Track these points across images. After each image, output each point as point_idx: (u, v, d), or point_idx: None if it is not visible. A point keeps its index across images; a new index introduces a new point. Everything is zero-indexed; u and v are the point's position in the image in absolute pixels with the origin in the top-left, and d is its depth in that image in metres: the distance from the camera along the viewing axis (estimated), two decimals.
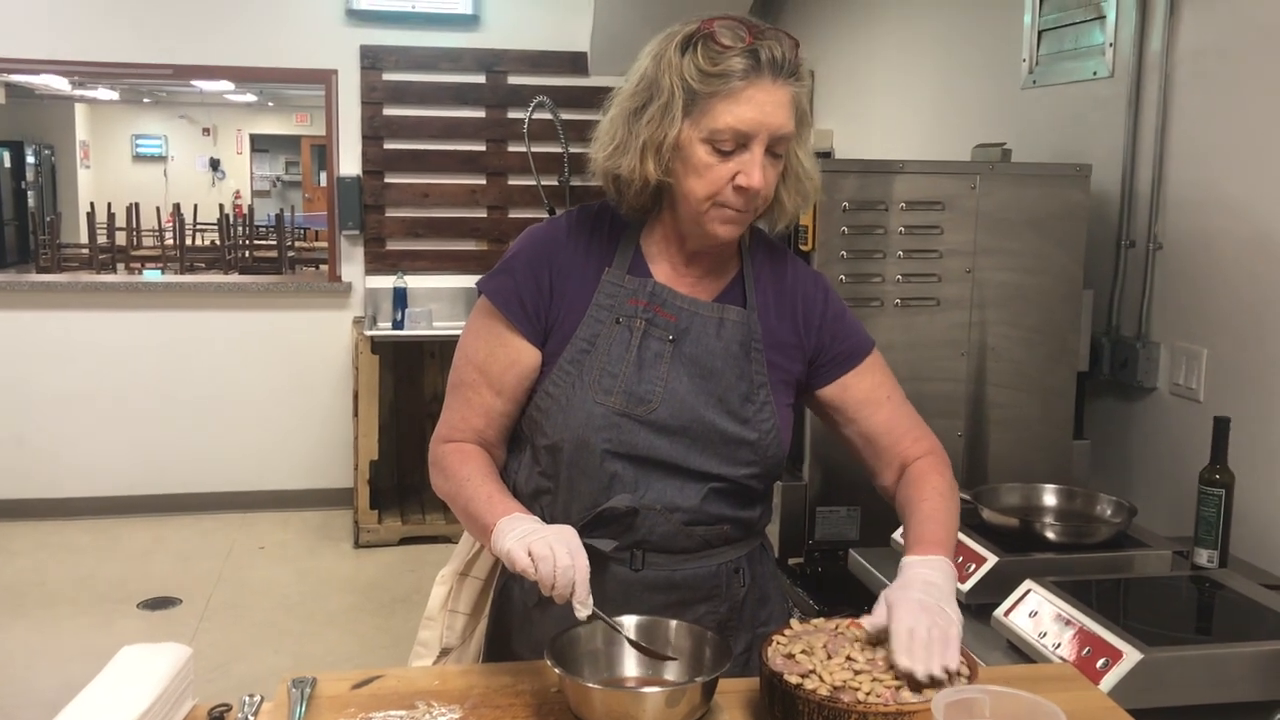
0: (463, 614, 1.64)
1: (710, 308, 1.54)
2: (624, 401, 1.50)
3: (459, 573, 1.66)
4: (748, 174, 1.42)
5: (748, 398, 1.53)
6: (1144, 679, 1.51)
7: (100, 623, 4.37)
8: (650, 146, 1.44)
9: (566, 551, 1.32)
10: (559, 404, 1.51)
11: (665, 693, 1.25)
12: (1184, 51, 2.53)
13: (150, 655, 1.35)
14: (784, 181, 1.50)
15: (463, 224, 5.82)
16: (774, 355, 1.57)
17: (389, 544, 5.30)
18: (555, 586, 1.30)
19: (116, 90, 14.34)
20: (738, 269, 1.59)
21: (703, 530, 1.54)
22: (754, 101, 1.40)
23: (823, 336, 1.60)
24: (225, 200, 15.04)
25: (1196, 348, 2.46)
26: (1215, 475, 2.09)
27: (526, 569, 1.32)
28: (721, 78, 1.40)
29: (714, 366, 1.53)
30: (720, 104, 1.41)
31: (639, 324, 1.52)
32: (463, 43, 5.68)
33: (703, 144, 1.43)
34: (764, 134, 1.41)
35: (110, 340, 5.60)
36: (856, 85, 4.48)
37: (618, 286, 1.53)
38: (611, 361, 1.51)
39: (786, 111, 1.43)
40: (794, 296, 1.60)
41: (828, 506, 2.44)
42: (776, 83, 1.41)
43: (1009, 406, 2.49)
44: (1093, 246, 2.57)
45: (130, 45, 5.45)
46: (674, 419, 1.50)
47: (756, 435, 1.54)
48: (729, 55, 1.40)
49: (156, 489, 5.67)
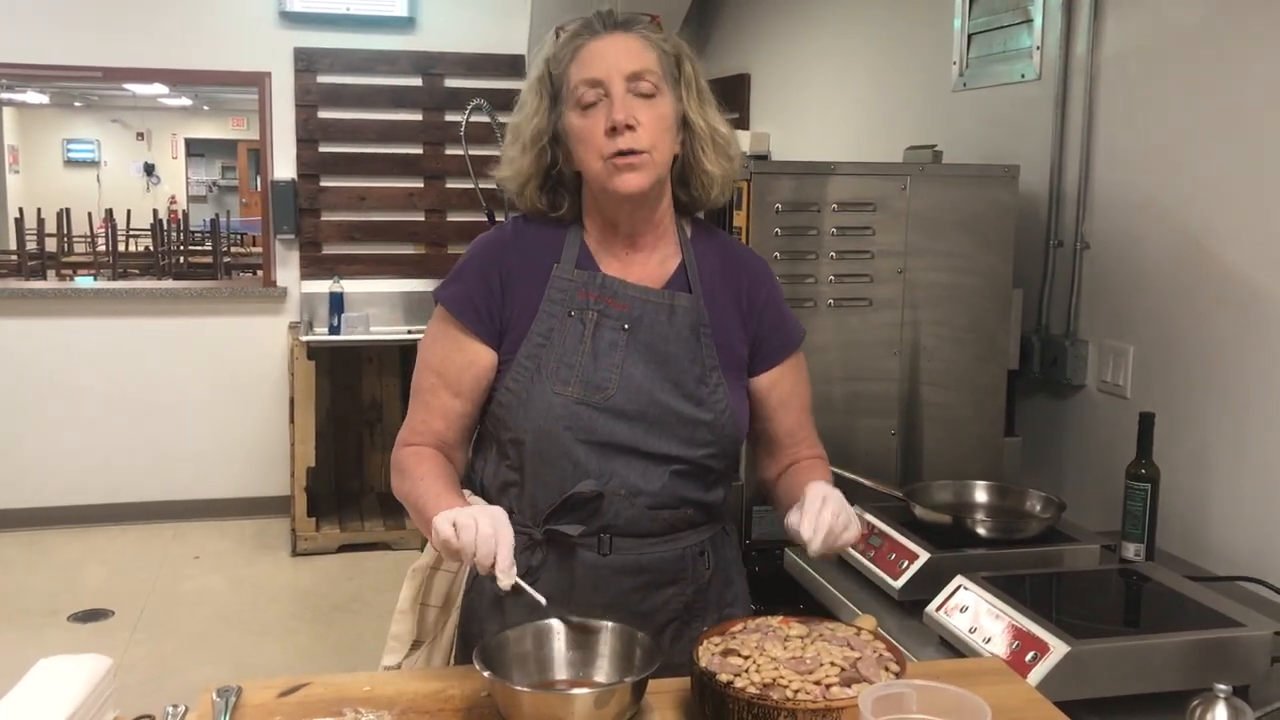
0: (434, 607, 1.66)
1: (660, 294, 1.60)
2: (582, 390, 1.55)
3: (431, 566, 1.68)
4: (611, 113, 1.50)
5: (701, 380, 1.59)
6: (1071, 671, 1.53)
7: (29, 637, 4.27)
8: (519, 144, 1.59)
9: (489, 522, 1.36)
10: (519, 398, 1.56)
11: (594, 694, 1.25)
12: (1108, 54, 2.57)
13: (68, 667, 1.32)
14: (701, 148, 1.58)
15: (400, 228, 5.77)
16: (721, 339, 1.62)
17: (327, 552, 5.24)
18: (476, 554, 1.34)
19: (46, 93, 14.05)
20: (681, 258, 1.64)
21: (667, 514, 1.59)
22: (595, 52, 1.53)
23: (762, 321, 1.66)
24: (160, 206, 14.78)
25: (1123, 345, 2.50)
26: (1141, 470, 2.12)
27: (449, 538, 1.35)
28: (566, 47, 1.55)
29: (668, 352, 1.58)
30: (572, 69, 1.54)
31: (591, 315, 1.58)
32: (398, 45, 5.64)
33: (573, 112, 1.54)
34: (615, 75, 1.51)
35: (39, 348, 5.48)
36: (791, 88, 4.51)
37: (567, 281, 1.59)
38: (567, 353, 1.56)
39: (633, 53, 1.53)
40: (738, 279, 1.66)
41: (764, 506, 2.45)
42: (615, 32, 1.54)
43: (941, 405, 2.52)
44: (1022, 246, 2.61)
45: (58, 47, 5.34)
46: (631, 404, 1.55)
47: (712, 415, 1.58)
48: (568, 35, 1.56)
49: (88, 499, 5.56)
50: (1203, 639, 1.59)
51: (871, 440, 2.48)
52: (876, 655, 1.32)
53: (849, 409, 2.47)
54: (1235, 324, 2.21)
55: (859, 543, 1.45)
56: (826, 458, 1.73)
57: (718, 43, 5.45)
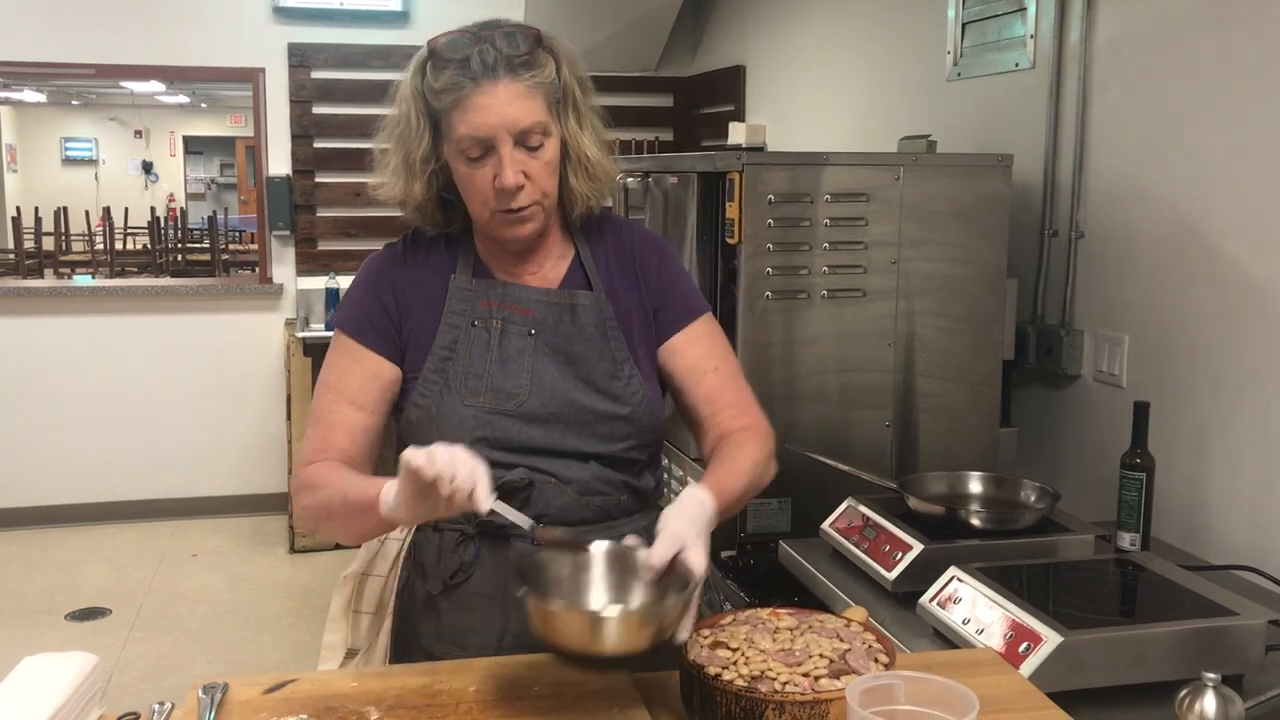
0: (367, 614, 1.64)
1: (560, 295, 1.58)
2: (493, 400, 1.53)
3: (361, 573, 1.65)
4: (500, 175, 1.46)
5: (614, 375, 1.57)
6: (1064, 662, 1.51)
7: (27, 636, 4.26)
8: (408, 168, 1.53)
9: (463, 450, 1.28)
10: (429, 414, 1.53)
11: (632, 612, 1.23)
12: (1101, 42, 2.56)
13: (53, 665, 1.31)
14: (571, 171, 1.54)
15: (396, 223, 5.59)
16: (628, 329, 1.60)
17: (324, 549, 5.23)
18: (455, 478, 1.24)
19: (43, 92, 14.03)
20: (573, 252, 1.63)
21: (600, 500, 1.56)
22: (480, 106, 1.45)
23: (656, 297, 1.63)
24: (159, 204, 14.74)
25: (1118, 334, 2.49)
26: (1136, 459, 2.11)
27: (423, 466, 1.24)
28: (447, 92, 1.47)
29: (575, 351, 1.56)
30: (455, 116, 1.47)
31: (496, 324, 1.56)
32: (392, 40, 5.61)
33: (457, 158, 1.49)
34: (503, 133, 1.46)
35: (37, 346, 5.47)
36: (786, 79, 4.49)
37: (466, 291, 1.58)
38: (474, 363, 1.54)
39: (522, 105, 1.46)
40: (632, 262, 1.64)
41: (759, 499, 2.43)
42: (501, 81, 1.46)
43: (936, 396, 2.51)
44: (1017, 236, 2.59)
45: (52, 44, 5.33)
46: (544, 407, 1.54)
47: (629, 409, 1.56)
48: (448, 69, 1.47)
49: (85, 497, 5.55)
50: (1197, 628, 1.57)
51: (866, 432, 2.47)
52: (866, 647, 1.31)
53: (843, 400, 2.45)
54: (1231, 313, 2.20)
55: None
56: (762, 426, 1.61)
57: (713, 35, 5.44)
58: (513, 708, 1.30)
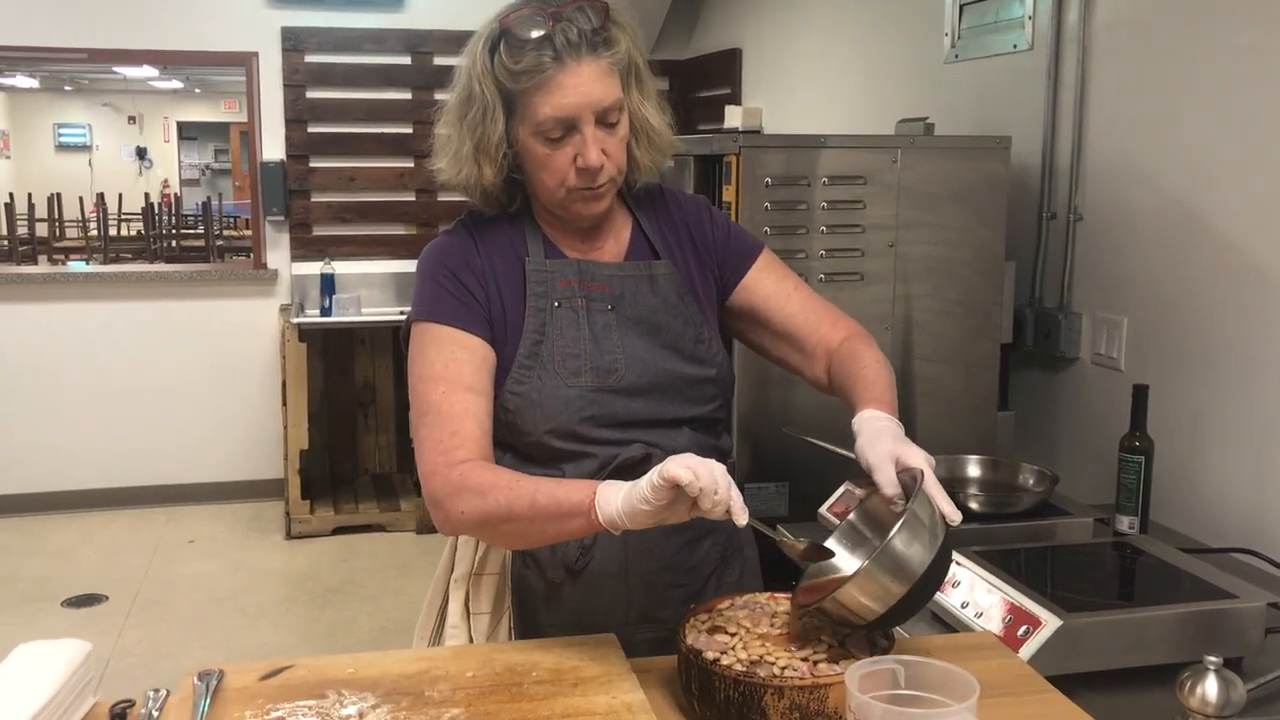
0: (485, 614, 1.61)
1: (636, 267, 1.59)
2: (594, 378, 1.52)
3: (473, 574, 1.62)
4: (584, 155, 1.46)
5: (697, 339, 1.58)
6: (1063, 645, 1.51)
7: (23, 623, 4.25)
8: (481, 151, 1.49)
9: (718, 463, 1.27)
10: (529, 400, 1.51)
11: (906, 526, 1.25)
12: (1100, 23, 2.54)
13: (47, 652, 1.30)
14: (635, 140, 1.54)
15: (391, 208, 5.73)
16: (694, 290, 1.62)
17: (322, 534, 5.22)
18: (718, 491, 1.23)
19: (36, 77, 13.96)
20: (632, 222, 1.63)
21: None
22: (565, 87, 1.43)
23: (717, 249, 1.65)
24: (153, 190, 14.72)
25: (1117, 317, 2.48)
26: (1135, 442, 2.11)
27: (690, 481, 1.22)
28: (528, 73, 1.43)
29: (658, 321, 1.57)
30: (537, 98, 1.44)
31: (580, 302, 1.55)
32: (386, 23, 5.58)
33: (534, 138, 1.47)
34: (587, 113, 1.45)
35: (31, 333, 5.45)
36: (783, 62, 4.47)
37: (544, 272, 1.56)
38: (568, 343, 1.53)
39: (604, 84, 1.45)
40: (685, 227, 1.65)
41: (757, 483, 2.43)
42: (584, 61, 1.44)
43: (934, 379, 2.50)
44: (1015, 218, 2.58)
45: (43, 28, 5.28)
46: (642, 378, 1.54)
47: (715, 370, 1.59)
48: (527, 49, 1.43)
49: (81, 484, 5.53)
50: (1196, 611, 1.57)
51: None
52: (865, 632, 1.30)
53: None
54: (1229, 295, 2.19)
55: None
56: (864, 332, 1.65)
57: (709, 18, 5.41)
58: (509, 693, 1.29)
